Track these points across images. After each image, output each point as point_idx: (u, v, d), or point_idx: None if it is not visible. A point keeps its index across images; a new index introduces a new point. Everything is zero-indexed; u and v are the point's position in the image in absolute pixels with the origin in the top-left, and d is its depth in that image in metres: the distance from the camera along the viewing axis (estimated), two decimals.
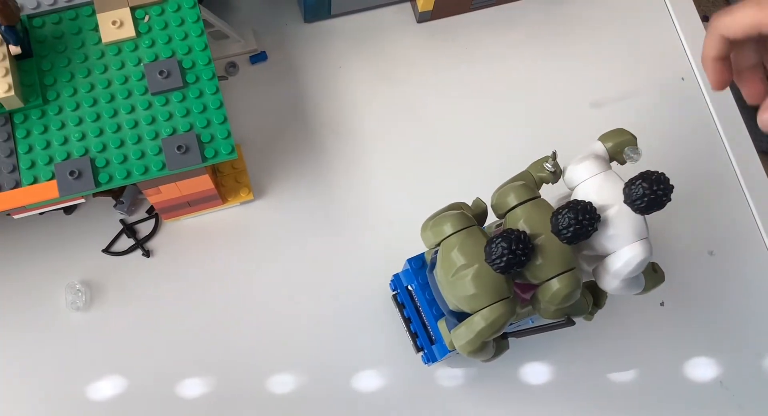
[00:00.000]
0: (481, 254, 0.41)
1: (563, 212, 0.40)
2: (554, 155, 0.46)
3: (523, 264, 0.40)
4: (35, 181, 0.48)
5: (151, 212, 0.59)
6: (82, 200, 0.50)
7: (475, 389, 0.57)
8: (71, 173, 0.48)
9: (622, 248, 0.42)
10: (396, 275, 0.54)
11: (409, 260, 0.51)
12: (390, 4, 0.67)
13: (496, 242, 0.40)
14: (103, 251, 0.58)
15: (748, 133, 0.67)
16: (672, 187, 0.40)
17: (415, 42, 0.66)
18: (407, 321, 0.53)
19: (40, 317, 0.56)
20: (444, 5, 0.65)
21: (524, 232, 0.40)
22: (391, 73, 0.65)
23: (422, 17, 0.66)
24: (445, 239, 0.43)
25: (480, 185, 0.50)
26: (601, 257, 0.43)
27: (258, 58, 0.64)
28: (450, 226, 0.43)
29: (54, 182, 0.48)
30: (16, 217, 0.50)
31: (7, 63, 0.48)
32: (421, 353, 0.53)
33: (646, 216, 0.43)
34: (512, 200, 0.44)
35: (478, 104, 0.65)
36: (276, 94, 0.64)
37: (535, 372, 0.57)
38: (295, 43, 0.65)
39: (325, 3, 0.64)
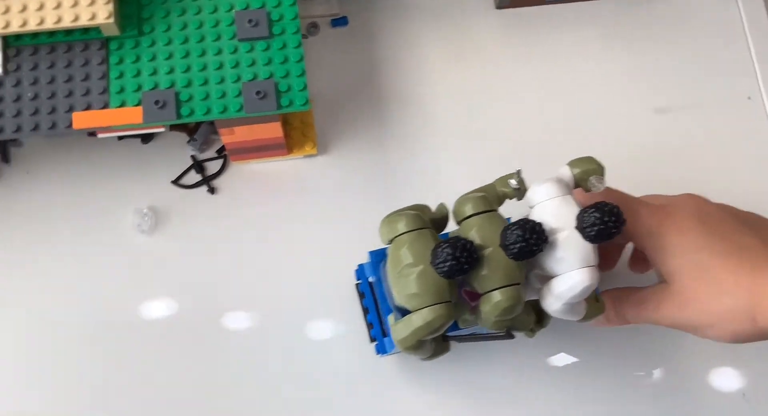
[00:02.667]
0: (428, 256, 0.43)
1: (512, 229, 0.41)
2: (519, 173, 0.47)
3: (466, 272, 0.42)
4: (122, 104, 0.52)
5: (221, 153, 0.63)
6: (163, 129, 0.54)
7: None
8: (156, 103, 0.52)
9: (569, 272, 0.43)
10: (361, 266, 0.55)
11: (371, 253, 0.52)
12: None
13: (443, 247, 0.41)
14: (172, 182, 0.62)
15: None
16: (624, 221, 0.41)
17: (492, 27, 0.69)
18: (365, 311, 0.54)
19: (105, 233, 0.60)
20: None
21: (471, 242, 0.42)
22: (464, 54, 0.68)
23: (501, 3, 0.68)
24: (397, 236, 0.45)
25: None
26: (549, 278, 0.44)
27: (339, 22, 0.67)
28: (403, 225, 0.45)
29: (140, 109, 0.52)
30: (99, 136, 0.54)
31: None
32: (375, 343, 0.54)
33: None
34: (468, 210, 0.45)
35: (545, 99, 0.67)
36: (351, 59, 0.67)
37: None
38: (377, 13, 0.68)
39: None
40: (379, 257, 0.52)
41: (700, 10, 0.71)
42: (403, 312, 0.45)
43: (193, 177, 0.62)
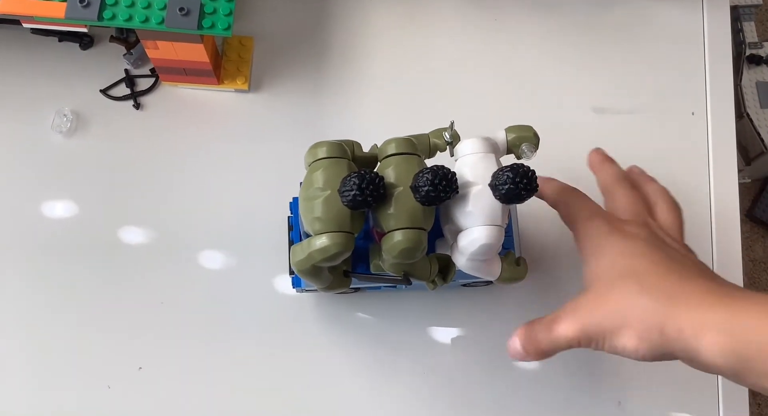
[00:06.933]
0: (338, 184, 0.43)
1: (424, 172, 0.41)
2: (452, 125, 0.47)
3: (369, 205, 0.42)
4: None
5: (154, 72, 0.64)
6: (85, 29, 0.55)
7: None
8: (81, 1, 0.53)
9: (473, 227, 0.43)
10: (295, 198, 0.55)
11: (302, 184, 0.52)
12: None
13: (351, 176, 0.41)
14: (101, 91, 0.63)
15: (737, 184, 0.67)
16: (536, 187, 0.41)
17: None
18: (290, 243, 0.55)
19: (25, 128, 0.62)
20: None
21: (380, 176, 0.42)
22: (417, 19, 0.68)
23: None
24: (316, 160, 0.45)
25: None
26: (459, 233, 0.45)
27: None
28: (324, 151, 0.45)
29: (64, 5, 0.53)
30: (24, 25, 0.55)
31: None
32: (293, 276, 0.54)
33: (512, 208, 0.43)
34: (391, 149, 0.45)
35: (490, 74, 0.67)
36: (306, 5, 0.67)
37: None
38: None
39: None
40: None
41: (666, 20, 0.70)
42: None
43: (123, 90, 0.64)
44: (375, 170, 0.46)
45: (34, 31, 0.64)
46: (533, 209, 0.59)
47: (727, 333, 0.40)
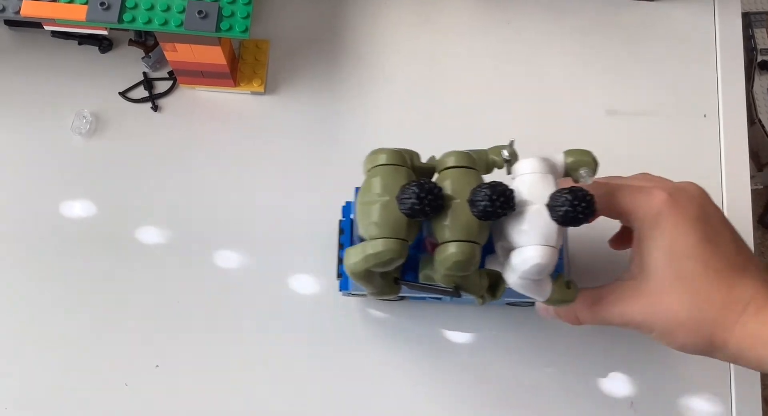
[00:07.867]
0: (397, 191, 0.43)
1: (483, 187, 0.41)
2: (511, 144, 0.47)
3: (426, 215, 0.42)
4: (72, 1, 0.55)
5: (172, 75, 0.65)
6: (105, 32, 0.56)
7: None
8: (102, 4, 0.54)
9: (526, 245, 0.43)
10: (348, 203, 0.56)
11: (357, 189, 0.52)
12: None
13: (411, 184, 0.42)
14: (120, 93, 0.64)
15: (750, 188, 0.67)
16: (593, 211, 0.41)
17: (467, 1, 0.70)
18: (339, 246, 0.55)
19: (45, 130, 0.63)
20: None
21: (439, 187, 0.42)
22: (431, 20, 0.69)
23: None
24: (375, 166, 0.45)
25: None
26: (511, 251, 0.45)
27: None
28: (384, 157, 0.45)
29: (85, 7, 0.54)
30: (45, 28, 0.57)
31: None
32: (340, 279, 0.55)
33: (564, 231, 0.44)
34: (450, 161, 0.45)
35: (503, 76, 0.68)
36: (320, 9, 0.68)
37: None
38: None
39: None
40: None
41: (677, 22, 0.71)
42: None
43: (141, 93, 0.65)
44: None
45: (55, 34, 0.65)
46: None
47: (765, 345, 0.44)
